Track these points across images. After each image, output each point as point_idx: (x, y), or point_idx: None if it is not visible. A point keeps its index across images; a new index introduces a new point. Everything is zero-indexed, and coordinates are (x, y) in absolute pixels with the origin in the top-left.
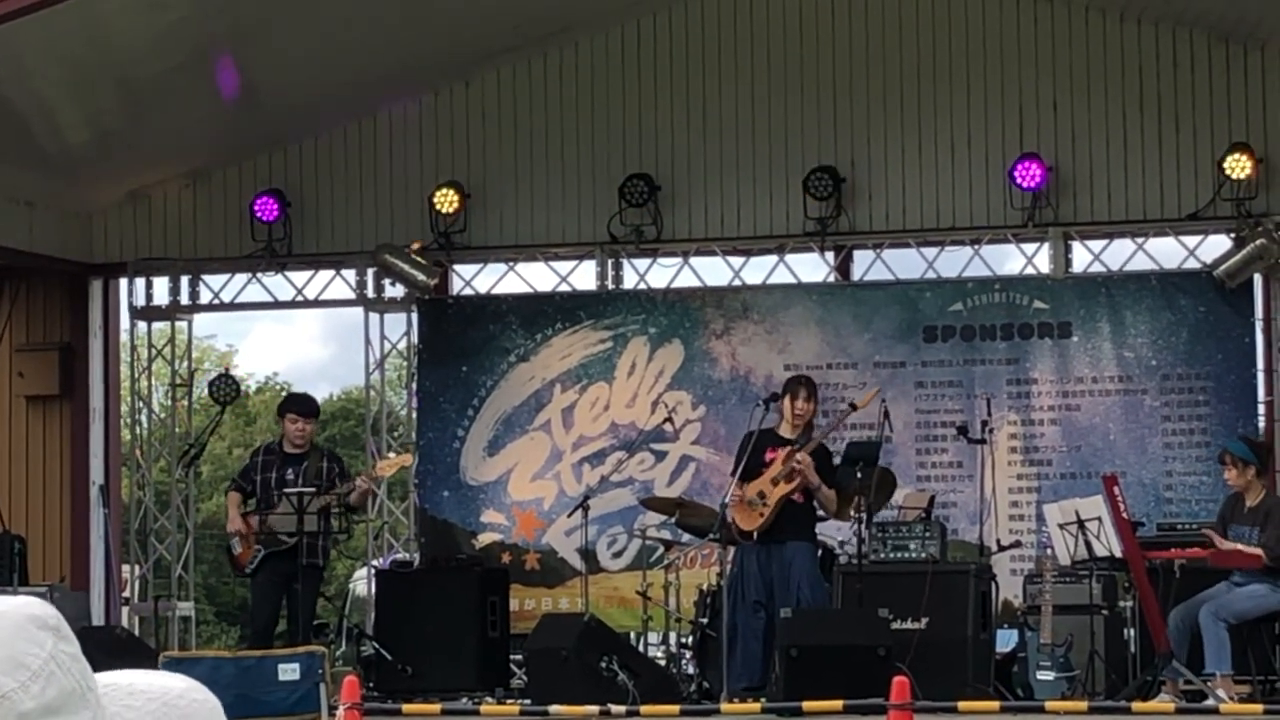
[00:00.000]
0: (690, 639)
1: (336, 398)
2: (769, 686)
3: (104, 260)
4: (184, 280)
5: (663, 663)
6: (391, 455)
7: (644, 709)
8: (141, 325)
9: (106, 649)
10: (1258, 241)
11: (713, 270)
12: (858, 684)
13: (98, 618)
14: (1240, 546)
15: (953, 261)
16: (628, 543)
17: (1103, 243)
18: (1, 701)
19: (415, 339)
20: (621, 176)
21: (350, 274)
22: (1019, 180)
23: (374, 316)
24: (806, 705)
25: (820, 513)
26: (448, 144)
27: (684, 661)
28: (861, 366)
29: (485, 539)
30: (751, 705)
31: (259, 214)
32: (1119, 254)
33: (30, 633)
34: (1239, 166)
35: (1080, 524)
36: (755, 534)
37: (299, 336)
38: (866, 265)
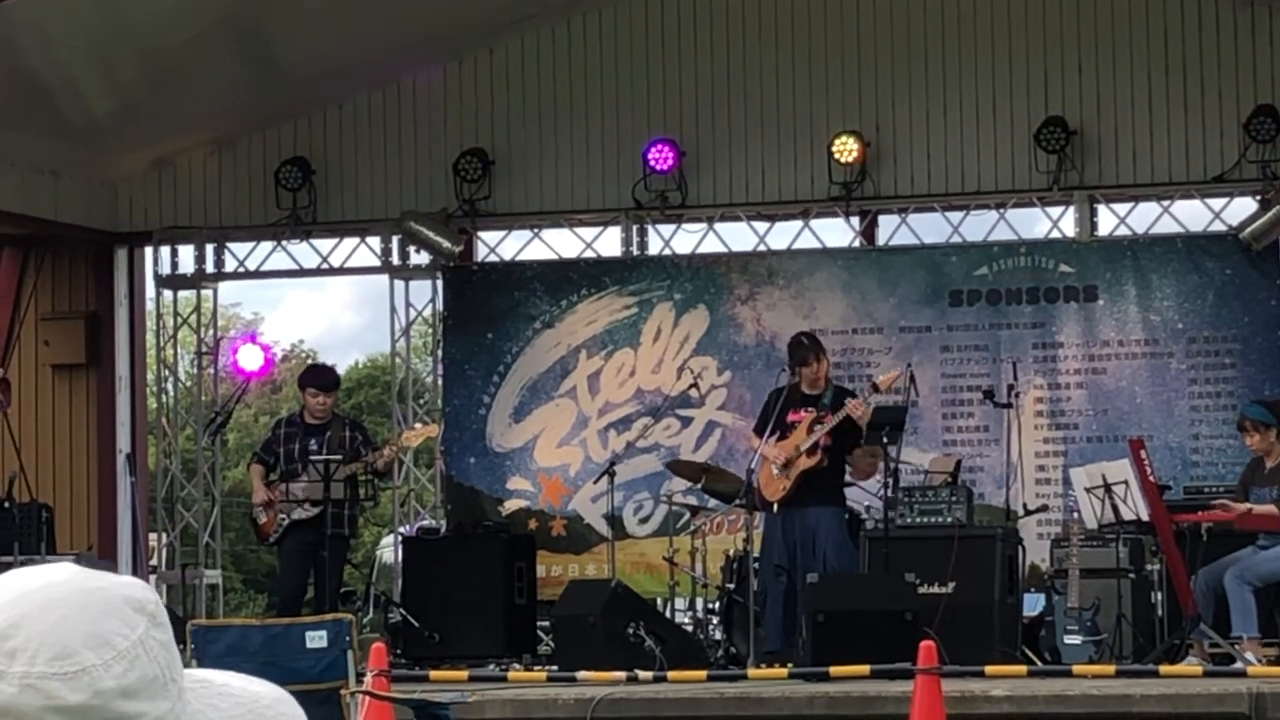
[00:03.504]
0: (717, 604)
1: (363, 365)
2: (794, 651)
3: (129, 229)
4: (209, 248)
5: (690, 628)
6: (418, 425)
7: (671, 674)
8: (167, 293)
9: None
10: None
11: (738, 236)
12: (884, 649)
13: None
14: (1259, 509)
15: (978, 225)
16: (654, 508)
17: (1128, 206)
18: (80, 675)
19: (440, 306)
20: (646, 142)
21: (375, 241)
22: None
23: (399, 284)
24: (833, 670)
25: (849, 477)
26: (472, 111)
27: (711, 627)
28: (887, 331)
29: (511, 505)
30: (779, 670)
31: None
32: (1145, 217)
33: (124, 613)
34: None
35: (1107, 488)
36: (776, 505)
37: (330, 304)
38: (892, 230)
